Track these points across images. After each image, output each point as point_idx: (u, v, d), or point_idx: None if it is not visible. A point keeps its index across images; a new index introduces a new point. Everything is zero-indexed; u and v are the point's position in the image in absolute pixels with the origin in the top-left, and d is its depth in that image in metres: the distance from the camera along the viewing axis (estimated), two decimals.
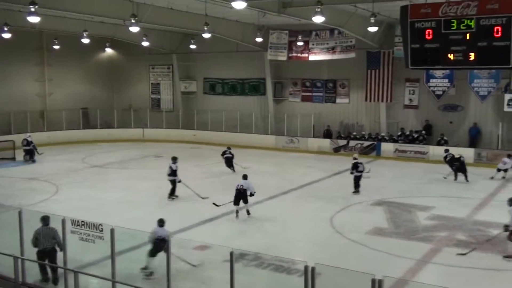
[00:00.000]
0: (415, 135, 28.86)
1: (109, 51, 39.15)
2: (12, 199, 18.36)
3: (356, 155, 21.45)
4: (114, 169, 25.84)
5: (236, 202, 16.72)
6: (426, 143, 28.37)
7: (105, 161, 27.55)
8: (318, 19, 19.91)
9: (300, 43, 31.05)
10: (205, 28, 24.45)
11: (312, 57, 31.20)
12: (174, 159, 19.44)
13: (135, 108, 37.71)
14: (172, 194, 19.37)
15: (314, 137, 31.54)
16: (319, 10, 19.23)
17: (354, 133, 30.84)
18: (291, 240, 14.77)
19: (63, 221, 10.20)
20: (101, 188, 21.34)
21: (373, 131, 30.56)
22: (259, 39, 29.40)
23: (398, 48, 27.65)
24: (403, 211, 17.65)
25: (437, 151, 26.23)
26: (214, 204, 17.09)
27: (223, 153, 25.10)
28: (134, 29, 23.09)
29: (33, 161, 27.52)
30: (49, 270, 10.98)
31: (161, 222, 11.86)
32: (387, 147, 28.97)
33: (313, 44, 31.00)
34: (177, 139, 34.51)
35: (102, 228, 9.87)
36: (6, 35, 26.41)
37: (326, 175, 24.16)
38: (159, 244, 10.87)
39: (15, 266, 10.45)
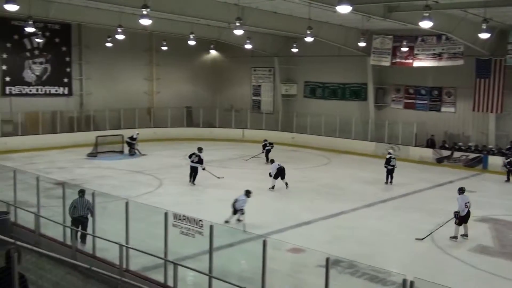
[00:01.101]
0: None
1: (213, 52, 40.35)
2: (119, 190, 19.42)
3: (391, 150, 23.39)
4: (214, 168, 26.46)
5: (275, 177, 21.03)
6: None
7: (206, 159, 28.23)
8: (426, 24, 19.16)
9: (404, 49, 30.17)
10: (308, 32, 24.40)
11: (417, 63, 30.22)
12: (200, 149, 22.24)
13: (236, 108, 38.55)
14: (194, 180, 21.80)
15: (416, 145, 30.53)
16: (427, 15, 18.54)
17: (460, 144, 29.44)
18: (387, 251, 14.41)
19: (166, 214, 10.59)
20: (202, 185, 21.99)
21: (480, 143, 28.99)
22: (362, 44, 28.93)
23: (511, 56, 26.13)
24: (511, 230, 16.61)
25: None
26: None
27: (264, 146, 27.91)
28: (239, 32, 23.52)
29: (132, 155, 28.99)
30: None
31: (247, 193, 15.51)
32: (494, 161, 27.29)
33: (418, 50, 30.02)
34: (275, 141, 34.73)
35: (202, 224, 10.15)
36: (120, 36, 27.97)
37: (427, 186, 23.29)
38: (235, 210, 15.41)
39: (120, 253, 11.04)
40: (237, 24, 22.10)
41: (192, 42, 30.99)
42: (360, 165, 27.65)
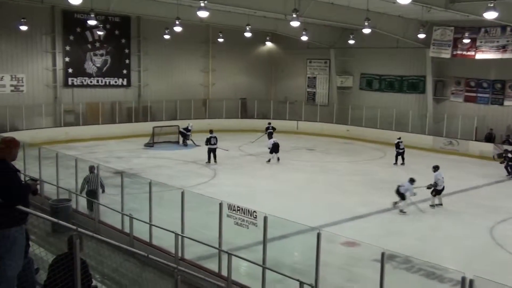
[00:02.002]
0: None
1: (269, 44, 40.37)
2: (175, 179, 19.77)
3: (399, 137, 25.69)
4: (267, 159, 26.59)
5: (271, 152, 24.86)
6: None
7: (260, 151, 28.43)
8: (490, 15, 18.38)
9: (466, 40, 29.17)
10: (366, 23, 23.98)
11: (479, 56, 29.19)
12: (212, 131, 25.08)
13: (291, 100, 38.46)
14: (215, 159, 24.40)
15: (476, 140, 29.58)
16: (491, 5, 17.82)
17: None
18: (444, 247, 14.06)
19: (221, 205, 10.71)
20: (255, 176, 22.11)
21: None
22: (421, 35, 28.22)
23: None
24: None
25: None
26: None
27: (267, 129, 30.35)
28: (295, 23, 23.38)
29: (186, 145, 29.46)
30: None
31: (412, 181, 17.09)
32: None
33: (481, 42, 28.98)
34: (330, 133, 34.54)
35: (256, 215, 10.21)
36: (177, 28, 28.37)
37: (487, 182, 22.55)
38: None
39: (176, 242, 11.26)
40: (294, 15, 21.99)
41: (248, 34, 31.05)
42: (416, 159, 27.01)
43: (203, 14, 20.51)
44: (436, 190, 17.78)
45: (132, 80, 34.44)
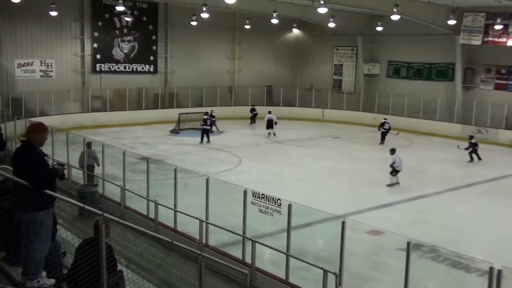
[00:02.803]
0: None
1: (295, 31, 40.10)
2: (200, 166, 19.87)
3: (385, 117, 27.56)
4: (293, 147, 26.56)
5: (267, 128, 28.52)
6: None
7: (285, 138, 28.39)
8: None
9: (498, 27, 28.50)
10: (394, 10, 23.65)
11: (511, 42, 28.51)
12: (206, 113, 26.79)
13: (317, 88, 38.22)
14: (208, 139, 26.08)
15: (506, 129, 28.99)
16: None
17: None
18: (472, 236, 13.86)
19: (245, 192, 10.72)
20: (280, 164, 22.08)
21: None
22: (451, 22, 27.69)
23: None
24: None
25: None
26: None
27: (252, 110, 33.04)
28: (322, 10, 23.17)
29: (211, 132, 29.50)
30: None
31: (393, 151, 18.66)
32: None
33: None
34: (356, 121, 34.26)
35: (280, 203, 10.20)
36: (204, 15, 28.36)
37: None
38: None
39: (200, 228, 11.34)
40: (321, 2, 21.80)
41: (275, 21, 30.86)
42: (444, 148, 26.63)
43: (230, 0, 20.48)
44: (396, 171, 18.56)
45: (159, 66, 34.59)
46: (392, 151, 19.10)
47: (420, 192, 17.85)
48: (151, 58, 34.19)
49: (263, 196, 10.58)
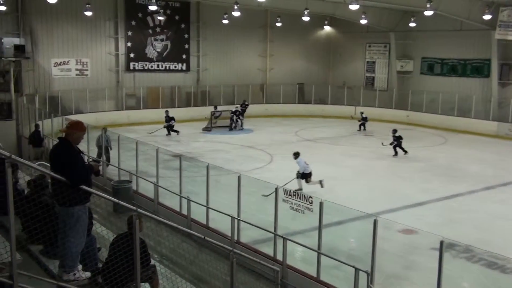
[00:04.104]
0: None
1: (327, 28, 39.87)
2: (231, 164, 19.98)
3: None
4: (324, 144, 26.44)
5: None
6: None
7: (317, 136, 28.28)
8: None
9: None
10: (428, 5, 23.32)
11: None
12: (167, 111, 27.55)
13: (349, 85, 37.94)
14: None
15: None
16: None
17: None
18: (508, 236, 13.57)
19: (276, 190, 10.76)
20: (311, 162, 21.94)
21: None
22: (487, 17, 27.11)
23: None
24: None
25: None
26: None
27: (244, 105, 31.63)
28: (354, 6, 22.98)
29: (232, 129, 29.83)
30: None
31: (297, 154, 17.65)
32: None
33: None
34: (389, 119, 33.85)
35: (312, 201, 10.21)
36: (236, 13, 28.46)
37: None
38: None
39: (232, 225, 11.42)
40: None
41: (306, 18, 30.76)
42: (480, 146, 26.15)
43: None
44: (303, 174, 17.27)
45: (191, 65, 34.87)
46: (296, 155, 17.79)
47: (454, 190, 17.58)
48: (184, 56, 34.48)
49: (294, 193, 10.60)
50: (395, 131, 23.74)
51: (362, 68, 39.31)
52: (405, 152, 23.21)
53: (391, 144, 23.27)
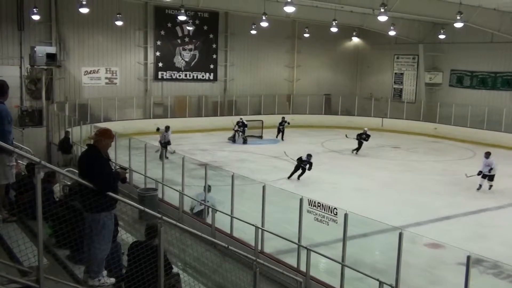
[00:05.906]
0: None
1: (355, 40, 39.75)
2: (257, 173, 20.00)
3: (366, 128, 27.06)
4: (350, 156, 26.29)
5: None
6: None
7: (343, 147, 28.11)
8: None
9: None
10: (458, 17, 23.04)
11: None
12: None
13: (376, 97, 37.70)
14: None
15: None
16: None
17: None
18: None
19: (301, 200, 10.73)
20: (337, 173, 21.91)
21: None
22: None
23: None
24: None
25: None
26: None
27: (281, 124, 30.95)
28: (383, 18, 22.89)
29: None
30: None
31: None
32: None
33: None
34: (416, 131, 33.52)
35: (336, 212, 10.15)
36: (264, 24, 28.61)
37: None
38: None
39: (256, 235, 11.43)
40: (382, 10, 21.55)
41: (334, 29, 30.76)
42: (508, 160, 25.62)
43: (289, 9, 20.60)
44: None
45: (219, 74, 35.10)
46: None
47: (481, 205, 17.28)
48: (211, 66, 34.74)
49: (319, 204, 10.56)
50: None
51: (390, 79, 39.04)
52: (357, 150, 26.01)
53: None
